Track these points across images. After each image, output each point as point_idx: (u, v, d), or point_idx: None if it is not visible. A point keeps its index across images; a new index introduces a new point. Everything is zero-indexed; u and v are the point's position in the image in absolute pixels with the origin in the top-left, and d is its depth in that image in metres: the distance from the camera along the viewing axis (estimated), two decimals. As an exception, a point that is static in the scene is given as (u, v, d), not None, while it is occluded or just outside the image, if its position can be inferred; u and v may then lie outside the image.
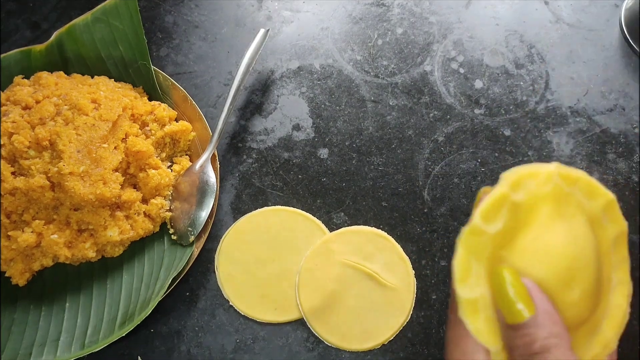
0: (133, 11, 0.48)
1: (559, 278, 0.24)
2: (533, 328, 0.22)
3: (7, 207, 0.41)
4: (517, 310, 0.22)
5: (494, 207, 0.24)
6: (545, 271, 0.24)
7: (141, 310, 0.42)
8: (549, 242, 0.25)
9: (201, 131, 0.48)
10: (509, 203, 0.25)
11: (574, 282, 0.24)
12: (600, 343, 0.26)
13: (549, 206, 0.25)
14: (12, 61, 0.48)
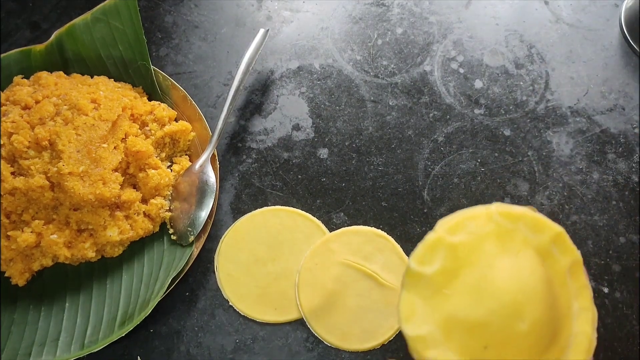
0: (133, 11, 0.48)
1: (505, 312, 0.25)
2: None
3: (6, 207, 0.41)
4: None
5: (427, 251, 0.25)
6: (489, 307, 0.25)
7: (141, 310, 0.42)
8: (492, 278, 0.25)
9: (201, 131, 0.48)
10: (445, 245, 0.25)
11: (523, 314, 0.25)
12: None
13: (492, 244, 0.26)
14: (11, 61, 0.48)
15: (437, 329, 0.25)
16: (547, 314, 0.26)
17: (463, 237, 0.26)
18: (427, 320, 0.25)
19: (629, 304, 0.44)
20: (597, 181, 0.48)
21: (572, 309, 0.28)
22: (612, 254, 0.45)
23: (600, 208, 0.47)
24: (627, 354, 0.42)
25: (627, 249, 0.46)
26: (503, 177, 0.48)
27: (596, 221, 0.47)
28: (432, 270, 0.25)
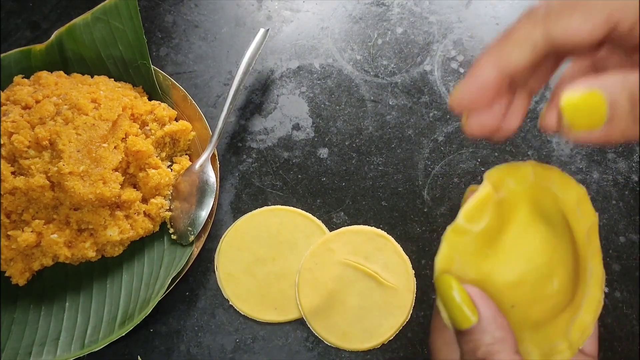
0: (133, 11, 0.48)
1: (539, 273, 0.25)
2: (477, 334, 0.23)
3: (7, 206, 0.41)
4: (463, 317, 0.23)
5: (478, 207, 0.25)
6: (525, 269, 0.25)
7: (141, 310, 0.42)
8: (529, 239, 0.25)
9: (201, 131, 0.48)
10: (492, 202, 0.25)
11: (553, 275, 0.25)
12: (579, 328, 0.27)
13: (527, 203, 0.26)
14: (12, 61, 0.48)
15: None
16: (572, 275, 0.26)
17: (504, 194, 0.25)
18: (461, 277, 0.25)
19: (629, 303, 0.44)
20: (597, 181, 0.48)
21: (587, 270, 0.28)
22: (612, 254, 0.45)
23: (600, 207, 0.47)
24: (628, 354, 0.42)
25: (627, 248, 0.46)
26: (503, 177, 0.48)
27: (596, 221, 0.47)
28: (479, 228, 0.24)
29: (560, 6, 0.22)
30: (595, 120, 0.20)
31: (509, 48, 0.23)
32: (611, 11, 0.22)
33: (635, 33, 0.22)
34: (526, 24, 0.23)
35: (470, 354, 0.23)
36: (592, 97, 0.20)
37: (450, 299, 0.24)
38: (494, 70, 0.23)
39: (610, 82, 0.20)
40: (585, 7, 0.22)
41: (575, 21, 0.22)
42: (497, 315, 0.23)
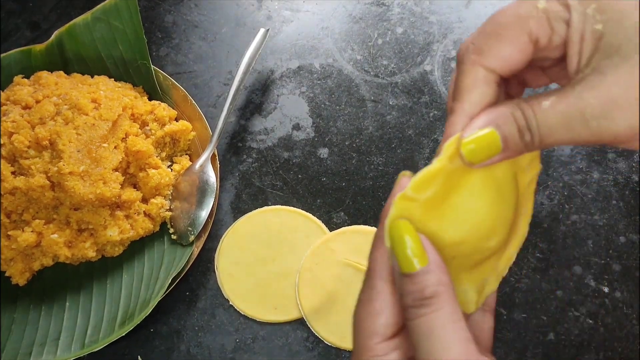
0: (133, 11, 0.48)
1: (480, 234, 0.26)
2: (425, 276, 0.25)
3: (7, 206, 0.41)
4: (412, 260, 0.25)
5: (428, 179, 0.26)
6: (468, 229, 0.26)
7: (141, 310, 0.42)
8: (477, 205, 0.26)
9: (201, 131, 0.48)
10: (444, 173, 0.26)
11: (494, 233, 0.27)
12: (506, 260, 0.29)
13: (481, 170, 0.27)
14: (12, 61, 0.48)
15: None
16: (510, 227, 0.28)
17: (458, 163, 0.26)
18: None
19: (629, 303, 0.44)
20: (597, 180, 0.48)
21: (521, 214, 0.30)
22: (613, 254, 0.45)
23: (600, 207, 0.47)
24: (628, 354, 0.42)
25: (628, 248, 0.46)
26: (503, 177, 0.48)
27: (596, 221, 0.47)
28: (425, 196, 0.26)
29: (483, 40, 0.25)
30: (492, 152, 0.24)
31: (467, 96, 0.25)
32: (529, 30, 0.24)
33: (554, 44, 0.24)
34: (467, 70, 0.26)
35: (417, 293, 0.24)
36: (487, 136, 0.24)
37: (402, 242, 0.25)
38: (466, 120, 0.26)
39: (500, 119, 0.24)
40: (507, 33, 0.24)
41: (505, 49, 0.24)
42: (442, 263, 0.25)
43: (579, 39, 0.23)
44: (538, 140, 0.24)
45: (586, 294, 0.44)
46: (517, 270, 0.45)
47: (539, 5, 0.24)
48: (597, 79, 0.22)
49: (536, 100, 0.24)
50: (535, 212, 0.47)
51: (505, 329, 0.44)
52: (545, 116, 0.23)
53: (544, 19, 0.24)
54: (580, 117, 0.22)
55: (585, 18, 0.23)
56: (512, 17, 0.24)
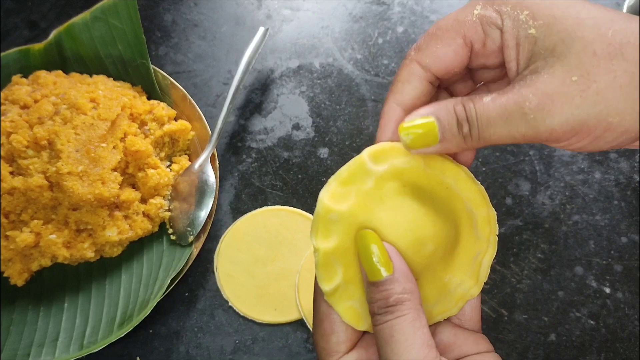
0: (132, 10, 0.48)
1: (410, 245, 0.28)
2: (390, 284, 0.26)
3: (5, 206, 0.41)
4: (378, 269, 0.26)
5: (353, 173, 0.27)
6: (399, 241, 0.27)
7: (140, 311, 0.42)
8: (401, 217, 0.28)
9: (200, 130, 0.48)
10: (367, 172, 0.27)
11: (427, 241, 0.28)
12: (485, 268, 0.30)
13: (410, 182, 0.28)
14: (10, 60, 0.48)
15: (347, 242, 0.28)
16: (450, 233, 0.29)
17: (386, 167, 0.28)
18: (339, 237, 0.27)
19: (630, 304, 0.44)
20: (599, 181, 0.48)
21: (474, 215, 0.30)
22: (614, 254, 0.45)
23: (601, 208, 0.47)
24: (629, 355, 0.42)
25: (629, 248, 0.45)
26: (504, 177, 0.48)
27: (598, 221, 0.46)
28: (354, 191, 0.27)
29: (424, 40, 0.27)
30: (430, 141, 0.26)
31: (400, 87, 0.28)
32: (464, 34, 0.26)
33: (489, 50, 0.26)
34: (405, 65, 0.28)
35: (382, 301, 0.26)
36: (426, 124, 0.26)
37: (369, 252, 0.26)
38: (396, 107, 0.28)
39: (441, 111, 0.26)
40: (444, 35, 0.27)
41: (440, 49, 0.27)
42: (407, 271, 0.27)
43: (515, 44, 0.25)
44: (476, 132, 0.25)
45: (588, 295, 0.44)
46: (519, 271, 0.45)
47: (475, 11, 0.26)
48: (535, 77, 0.24)
49: (478, 96, 0.25)
50: (537, 212, 0.47)
51: (506, 329, 0.43)
52: (485, 109, 0.24)
53: (478, 24, 0.26)
54: (519, 110, 0.23)
55: (518, 24, 0.25)
56: (451, 21, 0.26)
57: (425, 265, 0.29)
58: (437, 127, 0.26)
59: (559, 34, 0.23)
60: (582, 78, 0.23)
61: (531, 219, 0.47)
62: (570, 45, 0.23)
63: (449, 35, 0.26)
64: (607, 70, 0.22)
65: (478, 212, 0.29)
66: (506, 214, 0.47)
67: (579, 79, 0.23)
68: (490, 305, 0.44)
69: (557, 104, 0.23)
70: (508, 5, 0.25)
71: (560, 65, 0.23)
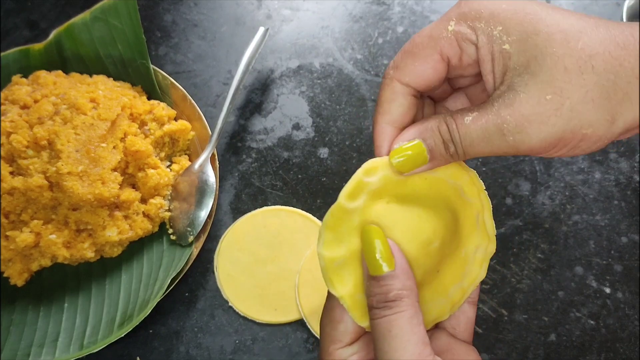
0: (132, 10, 0.48)
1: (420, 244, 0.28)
2: (391, 280, 0.26)
3: (5, 207, 0.41)
4: (380, 264, 0.26)
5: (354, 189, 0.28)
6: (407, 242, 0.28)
7: (140, 311, 0.42)
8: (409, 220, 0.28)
9: (200, 130, 0.48)
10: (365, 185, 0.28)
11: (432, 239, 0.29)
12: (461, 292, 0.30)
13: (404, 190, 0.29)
14: (10, 60, 0.48)
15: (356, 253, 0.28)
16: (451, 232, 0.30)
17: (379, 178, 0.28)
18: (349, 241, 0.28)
19: (630, 304, 0.44)
20: (599, 181, 0.48)
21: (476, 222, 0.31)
22: (614, 254, 0.45)
23: (602, 208, 0.47)
24: (629, 355, 0.42)
25: (629, 248, 0.45)
26: (504, 177, 0.48)
27: (598, 221, 0.46)
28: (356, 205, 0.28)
29: (401, 58, 0.28)
30: (419, 162, 0.27)
31: (386, 107, 0.28)
32: (440, 50, 0.27)
33: (465, 63, 0.27)
34: (386, 84, 0.28)
35: (382, 296, 0.26)
36: (414, 147, 0.27)
37: (372, 246, 0.27)
38: (387, 126, 0.28)
39: (427, 132, 0.27)
40: (420, 52, 0.27)
41: (418, 67, 0.27)
42: (408, 268, 0.27)
43: (490, 59, 0.26)
44: (461, 151, 0.26)
45: (588, 295, 0.44)
46: (519, 271, 0.45)
47: (449, 27, 0.27)
48: (511, 97, 0.24)
49: (459, 115, 0.26)
50: (537, 212, 0.47)
51: (506, 329, 0.43)
52: (466, 130, 0.25)
53: (453, 39, 0.26)
54: (499, 132, 0.25)
55: (492, 39, 0.25)
56: (426, 38, 0.27)
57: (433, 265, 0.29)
58: (425, 149, 0.27)
59: (532, 50, 0.24)
60: (556, 96, 0.23)
61: (531, 219, 0.47)
62: (542, 62, 0.24)
63: (425, 53, 0.27)
64: (578, 85, 0.23)
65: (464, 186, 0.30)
66: (506, 214, 0.47)
67: (552, 97, 0.23)
68: (490, 305, 0.44)
69: (534, 124, 0.24)
70: (481, 21, 0.25)
71: (534, 83, 0.24)
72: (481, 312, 0.44)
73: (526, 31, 0.24)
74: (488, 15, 0.25)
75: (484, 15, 0.25)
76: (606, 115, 0.23)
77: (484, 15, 0.25)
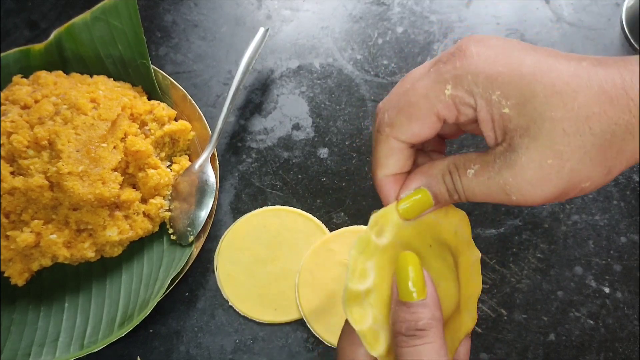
0: (132, 10, 0.48)
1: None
2: (421, 308, 0.26)
3: (5, 206, 0.41)
4: (411, 291, 0.27)
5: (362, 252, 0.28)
6: None
7: (140, 311, 0.42)
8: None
9: (200, 131, 0.48)
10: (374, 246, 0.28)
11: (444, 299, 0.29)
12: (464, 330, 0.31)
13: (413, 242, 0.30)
14: (11, 60, 0.48)
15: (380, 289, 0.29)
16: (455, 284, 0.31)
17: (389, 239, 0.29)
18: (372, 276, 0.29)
19: (630, 304, 0.44)
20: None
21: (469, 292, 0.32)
22: (613, 254, 0.45)
23: (601, 208, 0.47)
24: (629, 355, 0.42)
25: (629, 248, 0.45)
26: (504, 177, 0.48)
27: (597, 221, 0.46)
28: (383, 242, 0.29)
29: (396, 116, 0.28)
30: (425, 207, 0.29)
31: (384, 162, 0.29)
32: (437, 112, 0.27)
33: (461, 121, 0.27)
34: (382, 141, 0.29)
35: (411, 323, 0.26)
36: (421, 192, 0.28)
37: (406, 272, 0.27)
38: (387, 179, 0.29)
39: (432, 181, 0.28)
40: (417, 114, 0.27)
41: (415, 127, 0.28)
42: (438, 300, 0.27)
43: (490, 119, 0.26)
44: (465, 199, 0.27)
45: (587, 295, 0.44)
46: (518, 271, 0.45)
47: (446, 91, 0.26)
48: (513, 158, 0.25)
49: (463, 166, 0.27)
50: (536, 212, 0.47)
51: (505, 329, 0.44)
52: (469, 184, 0.27)
53: (451, 103, 0.27)
54: (501, 191, 0.26)
55: (491, 104, 0.26)
56: (422, 99, 0.27)
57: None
58: (430, 195, 0.28)
59: (531, 113, 0.24)
60: (556, 159, 0.24)
61: (531, 219, 0.47)
62: (541, 126, 0.24)
63: (422, 114, 0.27)
64: (577, 147, 0.24)
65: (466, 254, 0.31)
66: (506, 214, 0.47)
67: (553, 161, 0.24)
68: (489, 305, 0.44)
69: (537, 186, 0.25)
70: (479, 86, 0.25)
71: (535, 147, 0.25)
72: (481, 311, 0.44)
73: (524, 95, 0.25)
74: (485, 79, 0.25)
75: (480, 80, 0.25)
76: (603, 169, 0.25)
77: (480, 79, 0.25)
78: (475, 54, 0.26)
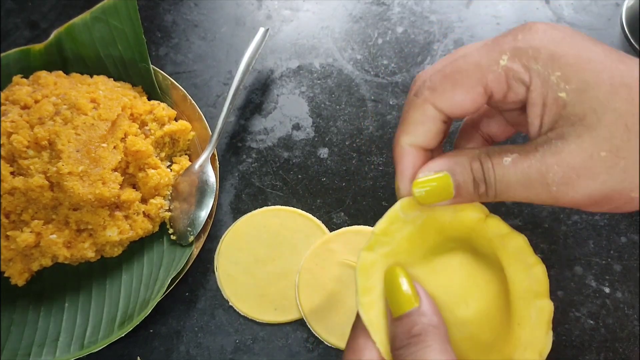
0: (132, 10, 0.48)
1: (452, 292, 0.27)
2: (416, 316, 0.25)
3: (6, 207, 0.41)
4: (404, 301, 0.25)
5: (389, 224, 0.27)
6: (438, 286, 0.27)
7: (140, 311, 0.42)
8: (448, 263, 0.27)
9: (201, 131, 0.48)
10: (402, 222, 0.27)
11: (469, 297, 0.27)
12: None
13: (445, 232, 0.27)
14: (11, 60, 0.48)
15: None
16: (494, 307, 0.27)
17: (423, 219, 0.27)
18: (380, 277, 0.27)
19: (630, 304, 0.44)
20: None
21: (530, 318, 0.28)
22: (614, 254, 0.45)
23: (601, 208, 0.47)
24: (629, 355, 0.42)
25: (629, 248, 0.45)
26: (504, 177, 0.48)
27: (597, 221, 0.46)
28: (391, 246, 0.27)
29: (439, 81, 0.25)
30: (444, 196, 0.25)
31: (412, 128, 0.26)
32: (486, 83, 0.24)
33: (509, 100, 0.25)
34: (418, 105, 0.26)
35: (405, 333, 0.24)
36: (441, 179, 0.25)
37: (397, 284, 0.26)
38: (410, 149, 0.27)
39: (457, 167, 0.25)
40: (464, 81, 0.25)
41: (458, 96, 0.25)
42: (434, 306, 0.26)
43: (541, 104, 0.24)
44: (493, 193, 0.24)
45: (587, 295, 0.44)
46: (518, 271, 0.45)
47: (501, 62, 0.24)
48: (561, 146, 0.23)
49: (497, 155, 0.24)
50: (536, 212, 0.47)
51: (505, 329, 0.44)
52: (504, 172, 0.24)
53: (503, 76, 0.24)
54: (542, 180, 0.23)
55: (548, 85, 0.23)
56: (472, 66, 0.25)
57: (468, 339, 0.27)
58: (452, 183, 0.25)
59: (591, 101, 0.22)
60: (611, 154, 0.22)
61: (531, 218, 0.47)
62: (601, 117, 0.22)
63: (469, 83, 0.25)
64: (636, 146, 0.22)
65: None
66: (506, 214, 0.47)
67: (607, 154, 0.22)
68: (489, 305, 0.44)
69: (583, 179, 0.22)
70: (539, 62, 0.23)
71: (589, 137, 0.22)
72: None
73: (587, 81, 0.22)
74: (547, 57, 0.23)
75: (542, 57, 0.23)
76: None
77: (542, 56, 0.23)
78: (541, 30, 0.24)
